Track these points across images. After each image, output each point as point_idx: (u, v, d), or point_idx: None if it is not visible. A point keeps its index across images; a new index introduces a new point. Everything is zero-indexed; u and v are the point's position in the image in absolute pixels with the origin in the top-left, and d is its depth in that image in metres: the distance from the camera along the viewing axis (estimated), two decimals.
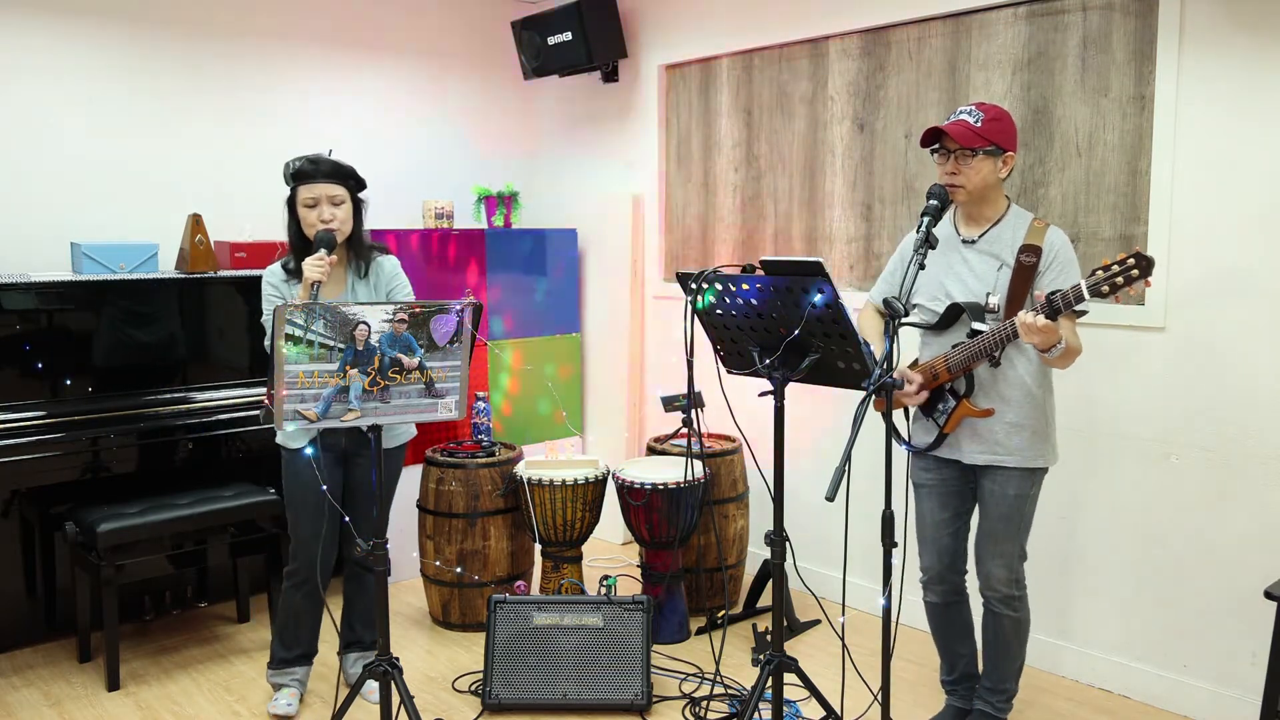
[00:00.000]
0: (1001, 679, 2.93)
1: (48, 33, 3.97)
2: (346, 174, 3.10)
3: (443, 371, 2.60)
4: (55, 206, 4.02)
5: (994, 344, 2.65)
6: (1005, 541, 2.81)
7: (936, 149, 2.74)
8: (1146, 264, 2.45)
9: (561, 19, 4.68)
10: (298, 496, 3.15)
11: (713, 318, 2.60)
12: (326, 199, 3.03)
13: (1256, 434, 3.02)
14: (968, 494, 2.93)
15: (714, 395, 4.06)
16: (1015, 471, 2.77)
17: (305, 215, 3.04)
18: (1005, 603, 2.85)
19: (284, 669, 3.29)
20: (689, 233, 4.75)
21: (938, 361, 2.78)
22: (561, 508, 3.75)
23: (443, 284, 4.50)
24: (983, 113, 2.68)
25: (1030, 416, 2.75)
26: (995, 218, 2.78)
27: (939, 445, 2.84)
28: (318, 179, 3.03)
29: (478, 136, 5.27)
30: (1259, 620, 3.02)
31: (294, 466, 3.13)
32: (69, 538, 3.53)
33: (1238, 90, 2.99)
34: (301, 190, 3.04)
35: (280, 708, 3.21)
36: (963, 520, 2.95)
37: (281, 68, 4.56)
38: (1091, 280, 2.48)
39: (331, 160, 3.08)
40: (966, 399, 2.76)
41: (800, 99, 4.20)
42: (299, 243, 3.10)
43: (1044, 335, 2.49)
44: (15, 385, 3.62)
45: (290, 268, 3.11)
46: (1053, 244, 2.70)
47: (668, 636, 3.77)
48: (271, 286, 3.10)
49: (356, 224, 3.14)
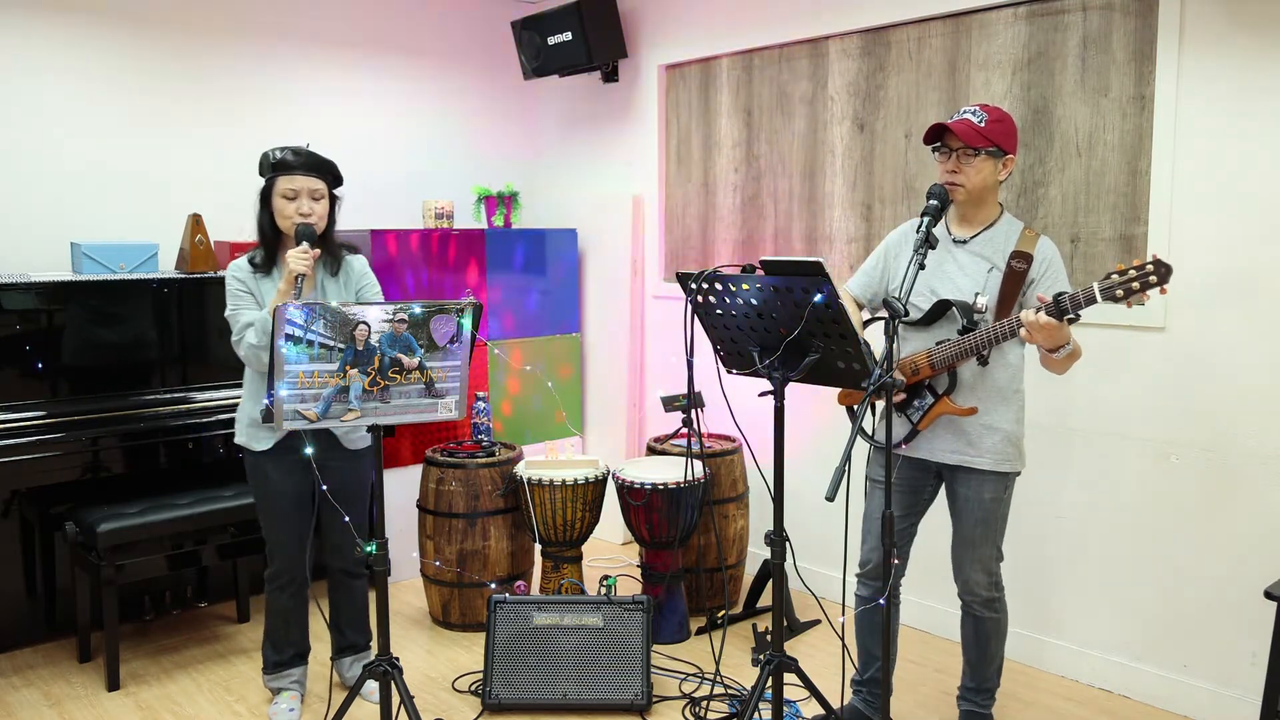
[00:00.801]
0: (985, 679, 2.93)
1: (48, 32, 3.97)
2: (328, 168, 3.04)
3: (443, 371, 2.60)
4: (55, 206, 4.02)
5: (988, 341, 2.63)
6: (983, 546, 2.81)
7: (937, 147, 2.74)
8: (1165, 271, 2.42)
9: (561, 19, 4.68)
10: (266, 501, 3.12)
11: (713, 318, 2.60)
12: (307, 192, 2.98)
13: (1256, 434, 3.02)
14: (924, 497, 2.92)
15: (714, 395, 4.07)
16: (989, 475, 2.76)
17: (282, 207, 2.97)
18: (986, 605, 2.85)
19: (279, 672, 3.26)
20: (689, 233, 4.75)
21: (919, 357, 2.77)
22: (561, 508, 3.75)
23: (443, 284, 4.50)
24: (986, 114, 2.67)
25: (1004, 419, 2.74)
26: (989, 221, 2.79)
27: (909, 441, 2.83)
28: (299, 171, 2.97)
29: (478, 136, 5.27)
30: (1259, 620, 3.02)
31: (259, 470, 3.09)
32: (69, 538, 3.53)
33: (1238, 90, 2.99)
34: (281, 181, 2.97)
35: (282, 714, 3.16)
36: (911, 522, 2.94)
37: (282, 68, 4.56)
38: (1105, 284, 2.45)
39: (313, 153, 3.03)
40: (947, 396, 2.75)
41: (800, 99, 4.20)
42: (271, 235, 3.02)
43: (1049, 334, 2.48)
44: (15, 385, 3.62)
45: (258, 262, 3.03)
46: (1044, 253, 2.71)
47: (668, 636, 3.77)
48: (238, 281, 3.01)
49: (330, 222, 3.08)
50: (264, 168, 3.01)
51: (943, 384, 2.77)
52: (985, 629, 2.87)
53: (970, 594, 2.85)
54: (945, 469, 2.84)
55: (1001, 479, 2.77)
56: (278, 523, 3.13)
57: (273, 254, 3.05)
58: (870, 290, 2.96)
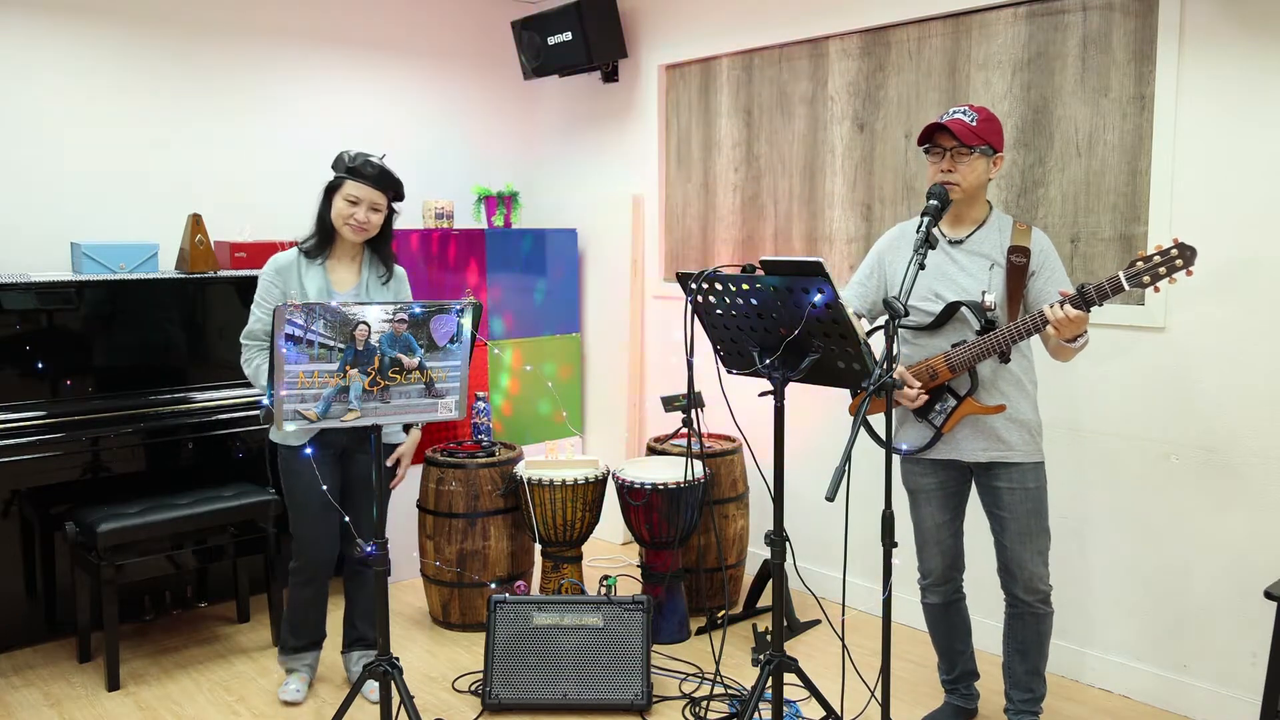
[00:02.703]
0: (1040, 683, 2.91)
1: (48, 32, 3.97)
2: (394, 184, 3.13)
3: (443, 371, 2.60)
4: (55, 206, 4.02)
5: (1012, 338, 2.64)
6: (1040, 536, 2.81)
7: (929, 148, 2.75)
8: (1191, 254, 2.47)
9: (561, 19, 4.68)
10: (298, 496, 3.17)
11: (713, 318, 2.60)
12: (369, 203, 3.07)
13: (1256, 434, 3.02)
14: (964, 494, 2.94)
15: (714, 395, 4.06)
16: (1026, 465, 2.78)
17: (342, 208, 3.06)
18: (1045, 601, 2.84)
19: (294, 655, 3.37)
20: (689, 233, 4.75)
21: (936, 361, 2.77)
22: (561, 508, 3.75)
23: (443, 284, 4.50)
24: (977, 113, 2.71)
25: (1026, 410, 2.78)
26: (981, 219, 2.81)
27: (933, 446, 2.84)
28: (370, 181, 3.06)
29: (478, 136, 5.27)
30: (1259, 620, 3.02)
31: (293, 465, 3.14)
32: (69, 538, 3.53)
33: (1238, 90, 2.99)
34: (349, 184, 3.05)
35: (290, 694, 3.30)
36: (960, 521, 2.95)
37: (282, 68, 4.56)
38: (1131, 271, 2.50)
39: (386, 168, 3.11)
40: (971, 397, 2.76)
41: (800, 99, 4.20)
42: (323, 228, 3.12)
43: (1078, 326, 2.53)
44: (15, 385, 3.62)
45: (308, 248, 3.13)
46: (1039, 244, 2.75)
47: (668, 636, 3.77)
48: (271, 281, 3.09)
49: (387, 233, 3.19)
50: (339, 165, 3.10)
51: (962, 385, 2.77)
52: (1046, 626, 2.86)
53: (1033, 591, 2.82)
54: (978, 468, 2.85)
55: (1037, 468, 2.80)
56: (307, 519, 3.19)
57: (324, 242, 3.14)
58: (868, 301, 2.96)
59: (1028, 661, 2.88)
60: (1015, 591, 2.84)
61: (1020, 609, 2.85)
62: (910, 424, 2.89)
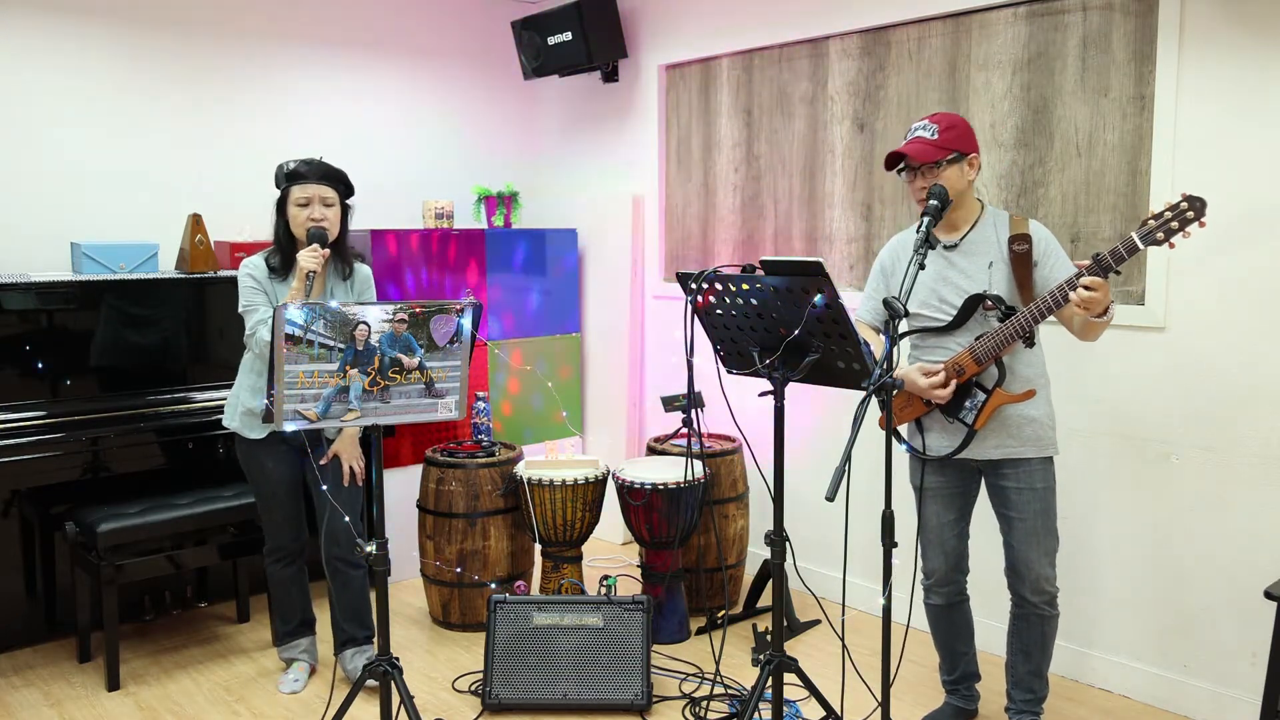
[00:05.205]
0: (1042, 683, 2.91)
1: (47, 33, 3.97)
2: (339, 178, 3.22)
3: (443, 371, 2.60)
4: (55, 206, 4.02)
5: (1034, 318, 2.63)
6: (1047, 536, 2.80)
7: (902, 169, 2.77)
8: (1201, 205, 2.43)
9: (561, 19, 4.68)
10: (261, 487, 3.32)
11: (713, 318, 2.60)
12: (318, 199, 3.15)
13: (1256, 434, 3.02)
14: (971, 494, 2.93)
15: (714, 395, 4.06)
16: (1035, 462, 2.78)
17: (296, 214, 3.15)
18: (1051, 603, 2.84)
19: (288, 642, 3.48)
20: (689, 233, 4.75)
21: (961, 356, 2.75)
22: (561, 508, 3.75)
23: (443, 284, 4.50)
24: (936, 124, 2.72)
25: (1038, 404, 2.77)
26: (973, 219, 2.81)
27: (967, 446, 2.79)
28: (311, 180, 3.16)
29: (478, 136, 5.27)
30: (1259, 620, 3.02)
31: (253, 457, 3.28)
32: (69, 538, 3.53)
33: (1238, 90, 2.99)
34: (295, 190, 3.15)
35: (289, 684, 3.39)
36: (966, 522, 2.95)
37: (282, 68, 4.56)
38: (1144, 230, 2.47)
39: (324, 163, 3.21)
40: (999, 388, 2.74)
41: (800, 99, 4.20)
42: (286, 243, 3.21)
43: (1104, 294, 2.49)
44: (15, 385, 3.62)
45: (274, 265, 3.21)
46: (1039, 233, 2.76)
47: (668, 636, 3.77)
48: (252, 278, 3.18)
49: (343, 229, 3.25)
50: (279, 179, 3.20)
51: (989, 379, 2.76)
52: (1051, 628, 2.86)
53: (1040, 592, 2.82)
54: (987, 466, 2.84)
55: (1046, 464, 2.79)
56: (273, 506, 3.35)
57: (288, 259, 3.21)
58: (881, 313, 2.94)
59: (1031, 662, 2.88)
60: (1022, 592, 2.84)
61: (1026, 610, 2.85)
62: (939, 430, 2.86)
